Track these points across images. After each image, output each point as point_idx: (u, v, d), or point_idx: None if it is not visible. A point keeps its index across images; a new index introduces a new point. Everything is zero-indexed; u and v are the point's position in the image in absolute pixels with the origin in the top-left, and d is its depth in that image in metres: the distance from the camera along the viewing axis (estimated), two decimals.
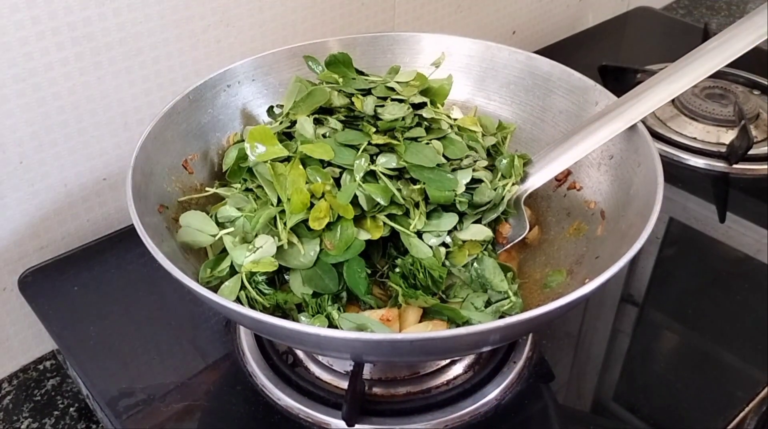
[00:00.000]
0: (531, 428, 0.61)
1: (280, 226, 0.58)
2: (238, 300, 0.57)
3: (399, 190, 0.59)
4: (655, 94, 0.64)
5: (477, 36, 0.76)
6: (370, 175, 0.60)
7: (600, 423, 0.62)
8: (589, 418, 0.63)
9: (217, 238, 0.59)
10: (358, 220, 0.59)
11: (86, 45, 0.70)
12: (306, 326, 0.48)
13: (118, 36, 0.72)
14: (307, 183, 0.58)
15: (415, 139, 0.62)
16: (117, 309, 0.71)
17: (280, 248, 0.57)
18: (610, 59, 1.05)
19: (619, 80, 1.02)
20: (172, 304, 0.71)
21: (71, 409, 0.74)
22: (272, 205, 0.59)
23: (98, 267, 0.75)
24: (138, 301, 0.71)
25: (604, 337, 0.70)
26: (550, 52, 0.94)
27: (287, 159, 0.60)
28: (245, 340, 0.66)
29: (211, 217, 0.61)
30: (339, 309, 0.57)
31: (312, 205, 0.57)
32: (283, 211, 0.58)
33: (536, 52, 0.74)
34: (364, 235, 0.58)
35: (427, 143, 0.62)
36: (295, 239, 0.57)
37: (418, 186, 0.60)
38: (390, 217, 0.59)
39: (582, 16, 1.29)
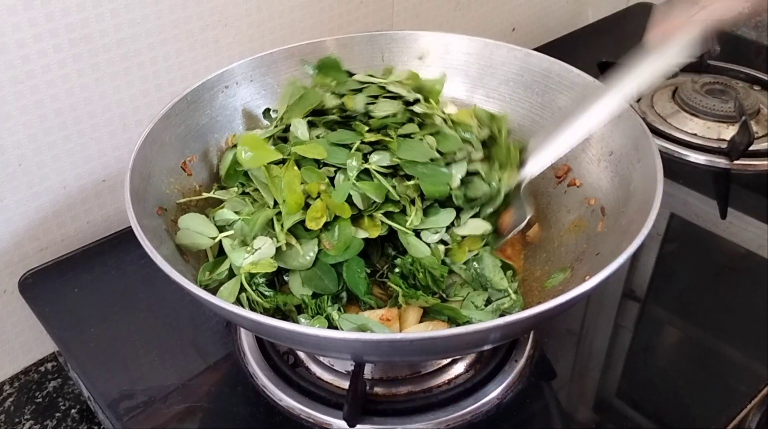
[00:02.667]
0: (533, 427, 0.61)
1: (277, 227, 0.57)
2: (238, 302, 0.57)
3: (394, 187, 0.59)
4: (650, 66, 0.61)
5: (476, 33, 0.75)
6: (365, 174, 0.60)
7: (602, 420, 0.62)
8: (591, 415, 0.63)
9: (216, 241, 0.59)
10: (356, 220, 0.58)
11: (84, 47, 0.70)
12: (305, 327, 0.48)
13: (115, 37, 0.72)
14: (302, 184, 0.58)
15: (408, 135, 0.62)
16: (117, 310, 0.71)
17: (278, 250, 0.57)
18: (610, 56, 1.04)
19: None
20: (172, 306, 0.71)
21: (72, 411, 0.74)
22: (269, 207, 0.59)
23: (98, 268, 0.75)
24: (138, 303, 0.71)
25: (605, 334, 0.70)
26: (550, 48, 0.93)
27: (282, 161, 0.60)
28: (246, 340, 0.66)
29: (210, 219, 0.61)
30: (339, 309, 0.57)
31: (308, 205, 0.57)
32: (280, 213, 0.58)
33: (536, 49, 0.73)
34: (362, 234, 0.58)
35: (420, 139, 0.62)
36: (293, 241, 0.57)
37: (412, 182, 0.60)
38: (387, 215, 0.59)
39: (581, 13, 1.29)
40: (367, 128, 0.62)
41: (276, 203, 0.58)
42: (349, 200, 0.58)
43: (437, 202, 0.61)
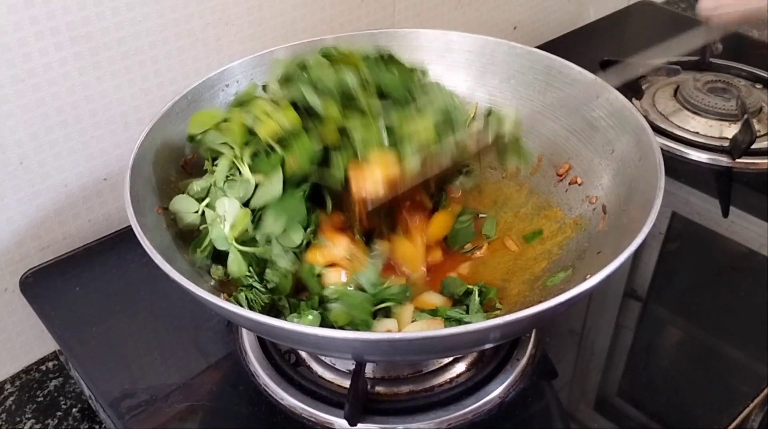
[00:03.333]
0: (534, 426, 0.61)
1: (241, 166, 0.58)
2: (236, 301, 0.57)
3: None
4: None
5: (478, 32, 0.75)
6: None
7: (604, 420, 0.62)
8: (592, 415, 0.63)
9: (199, 212, 0.60)
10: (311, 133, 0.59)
11: (85, 45, 0.70)
12: (305, 327, 0.48)
13: (116, 35, 0.72)
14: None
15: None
16: (119, 309, 0.71)
17: (251, 194, 0.58)
18: (612, 54, 1.04)
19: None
20: (173, 304, 0.71)
21: (74, 409, 0.74)
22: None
23: (99, 267, 0.75)
24: (139, 301, 0.71)
25: (607, 333, 0.70)
26: (551, 47, 0.93)
27: None
28: (247, 339, 0.66)
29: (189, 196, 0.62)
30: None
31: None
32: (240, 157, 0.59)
33: (538, 48, 0.73)
34: (319, 145, 0.58)
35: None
36: (259, 177, 0.58)
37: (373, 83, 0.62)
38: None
39: (583, 11, 1.28)
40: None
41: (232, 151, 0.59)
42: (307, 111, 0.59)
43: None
